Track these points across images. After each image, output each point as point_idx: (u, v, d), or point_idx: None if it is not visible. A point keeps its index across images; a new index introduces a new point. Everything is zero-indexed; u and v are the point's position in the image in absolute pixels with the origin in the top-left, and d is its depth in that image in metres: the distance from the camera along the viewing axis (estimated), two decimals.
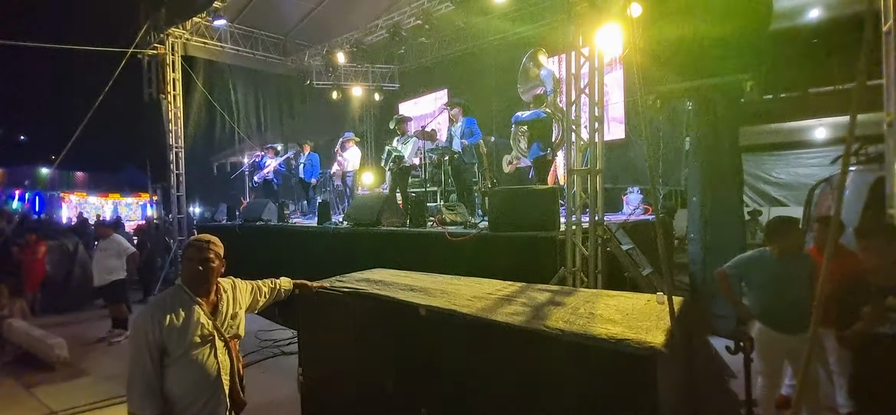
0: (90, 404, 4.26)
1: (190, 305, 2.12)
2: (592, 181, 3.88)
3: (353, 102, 12.37)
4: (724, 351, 3.24)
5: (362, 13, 9.69)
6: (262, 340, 5.84)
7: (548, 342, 1.95)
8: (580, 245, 3.85)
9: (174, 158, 9.87)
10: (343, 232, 6.05)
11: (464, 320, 2.20)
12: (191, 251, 2.16)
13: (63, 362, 5.30)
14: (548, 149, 5.50)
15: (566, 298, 2.45)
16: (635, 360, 1.77)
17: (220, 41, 10.24)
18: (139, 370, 1.99)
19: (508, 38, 9.42)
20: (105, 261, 6.31)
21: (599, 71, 3.82)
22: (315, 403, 2.91)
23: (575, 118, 3.89)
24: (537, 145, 5.52)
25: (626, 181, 6.70)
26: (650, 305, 2.31)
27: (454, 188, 6.74)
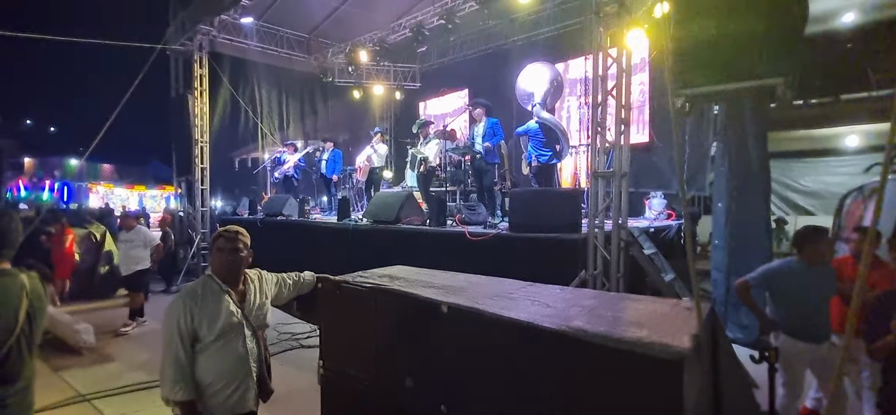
0: (117, 389, 4.39)
1: (219, 294, 2.18)
2: (616, 184, 3.83)
3: (374, 101, 12.46)
4: (747, 360, 3.18)
5: (386, 12, 9.75)
6: (280, 332, 5.93)
7: (571, 344, 1.93)
8: (602, 248, 3.81)
9: (199, 153, 10.09)
10: (362, 229, 6.10)
11: (486, 319, 2.20)
12: (221, 242, 2.22)
13: (90, 348, 5.47)
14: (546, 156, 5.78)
15: (589, 300, 2.43)
16: (661, 365, 1.74)
17: (246, 39, 10.42)
18: (171, 356, 2.05)
19: (531, 38, 9.37)
20: (131, 251, 6.49)
21: (627, 73, 3.77)
22: (335, 396, 2.94)
23: (600, 120, 3.85)
24: (531, 154, 5.89)
25: (649, 185, 6.59)
26: (676, 311, 2.27)
27: (474, 188, 6.74)
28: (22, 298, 1.87)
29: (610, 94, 3.82)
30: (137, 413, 3.95)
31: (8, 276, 1.87)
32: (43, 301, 2.01)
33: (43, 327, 2.05)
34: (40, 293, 2.00)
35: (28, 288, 1.91)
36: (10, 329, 1.81)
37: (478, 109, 6.46)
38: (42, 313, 2.00)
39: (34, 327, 1.93)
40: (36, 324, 1.95)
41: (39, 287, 2.01)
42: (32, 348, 1.95)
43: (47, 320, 5.73)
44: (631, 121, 3.95)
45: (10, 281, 1.86)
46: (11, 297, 1.84)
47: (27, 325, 1.88)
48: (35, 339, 1.96)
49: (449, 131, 6.87)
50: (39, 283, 2.04)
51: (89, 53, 36.51)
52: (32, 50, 35.54)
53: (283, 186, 9.80)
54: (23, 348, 1.87)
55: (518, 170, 7.67)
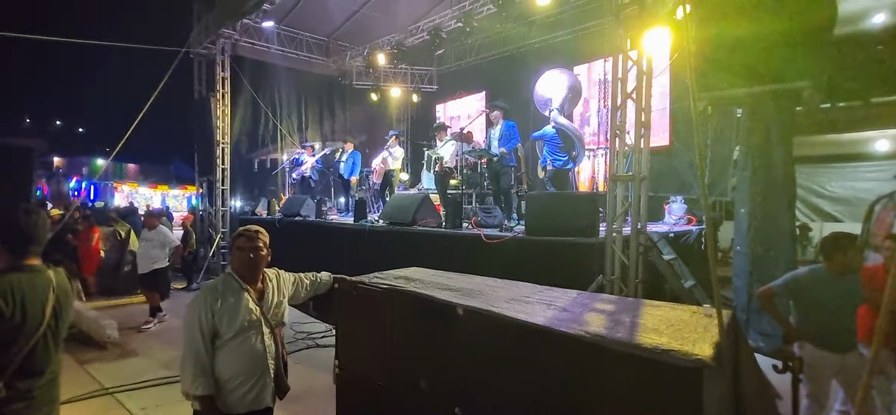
0: (139, 383, 4.50)
1: (239, 292, 2.22)
2: (636, 188, 3.78)
3: (392, 103, 12.55)
4: (769, 370, 3.10)
5: (404, 15, 9.82)
6: (296, 332, 6.00)
7: (588, 349, 1.91)
8: (620, 253, 3.75)
9: (220, 154, 10.30)
10: (379, 230, 6.13)
11: (502, 322, 2.19)
12: (241, 241, 2.26)
13: (114, 343, 5.63)
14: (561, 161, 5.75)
15: (607, 305, 2.40)
16: (681, 373, 1.71)
17: (267, 42, 10.62)
18: (192, 352, 2.09)
19: (548, 41, 9.32)
20: (150, 250, 6.63)
21: (648, 75, 3.71)
22: (350, 395, 2.96)
23: (620, 123, 3.80)
24: (545, 158, 5.99)
25: (669, 189, 6.47)
26: (696, 318, 2.23)
27: (490, 191, 6.72)
28: (49, 293, 1.92)
29: (630, 96, 3.77)
30: (158, 407, 4.04)
31: (35, 271, 1.93)
32: (69, 297, 2.06)
33: (69, 322, 2.09)
34: (67, 289, 2.05)
35: (55, 284, 1.96)
36: (37, 323, 1.86)
37: (495, 111, 6.45)
38: (68, 308, 2.05)
39: (60, 321, 1.98)
40: (62, 319, 2.00)
41: (66, 283, 2.06)
42: (58, 343, 2.00)
43: (74, 315, 5.92)
44: (650, 124, 3.89)
45: (37, 277, 1.91)
46: (38, 292, 1.89)
47: (53, 320, 1.93)
48: (61, 333, 2.01)
49: (465, 134, 6.87)
50: (66, 279, 2.10)
51: (115, 56, 37.65)
52: (61, 53, 36.77)
53: (300, 187, 9.92)
54: (49, 341, 1.92)
55: (534, 173, 7.63)
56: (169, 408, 3.99)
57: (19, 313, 1.78)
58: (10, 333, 1.77)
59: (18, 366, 1.81)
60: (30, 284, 1.86)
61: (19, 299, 1.79)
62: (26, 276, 1.88)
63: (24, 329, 1.81)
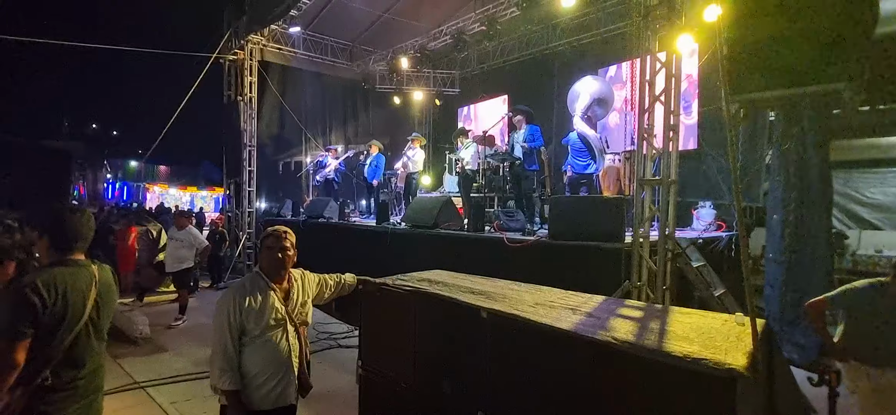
0: (169, 378, 4.64)
1: (266, 290, 2.27)
2: (664, 193, 3.69)
3: (414, 107, 12.63)
4: (804, 383, 2.98)
5: (427, 19, 9.88)
6: (319, 332, 6.07)
7: (616, 356, 1.87)
8: (647, 259, 3.67)
9: (247, 156, 10.56)
10: (401, 233, 6.17)
11: (527, 326, 2.17)
12: (270, 240, 2.31)
13: (145, 338, 5.81)
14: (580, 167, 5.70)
15: (635, 311, 2.35)
16: (713, 383, 1.66)
17: (293, 47, 10.85)
18: (221, 347, 2.15)
19: (573, 43, 9.23)
20: (178, 250, 6.79)
21: (677, 77, 3.63)
22: (373, 396, 2.98)
23: (648, 126, 3.73)
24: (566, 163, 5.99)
25: (697, 195, 6.30)
26: (728, 326, 2.16)
27: (512, 195, 6.69)
28: (91, 287, 2.00)
29: (658, 99, 3.69)
30: (187, 402, 4.15)
31: (79, 266, 2.01)
32: (111, 291, 2.14)
33: (111, 315, 2.18)
34: (109, 284, 2.14)
35: (97, 278, 2.05)
36: (79, 316, 1.94)
37: (518, 115, 6.42)
38: (110, 302, 2.14)
39: (102, 315, 2.07)
40: (103, 312, 2.08)
41: (109, 278, 2.15)
42: (101, 335, 2.08)
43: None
44: (679, 127, 3.80)
45: (80, 271, 2.00)
46: (80, 285, 1.97)
47: (95, 313, 2.01)
48: (103, 327, 2.09)
49: (487, 137, 6.85)
50: (110, 274, 2.19)
51: (149, 63, 39.12)
52: (98, 59, 38.34)
53: (323, 189, 10.07)
54: (91, 334, 2.01)
55: (558, 177, 7.55)
56: (197, 403, 4.09)
57: (61, 304, 1.86)
58: (53, 323, 1.85)
59: (62, 357, 1.89)
60: (72, 278, 1.95)
61: (61, 292, 1.87)
62: (70, 270, 1.96)
63: (66, 321, 1.89)
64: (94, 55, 33.85)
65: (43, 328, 1.82)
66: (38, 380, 1.84)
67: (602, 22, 8.74)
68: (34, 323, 1.80)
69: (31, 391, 1.83)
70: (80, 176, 24.41)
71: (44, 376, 1.85)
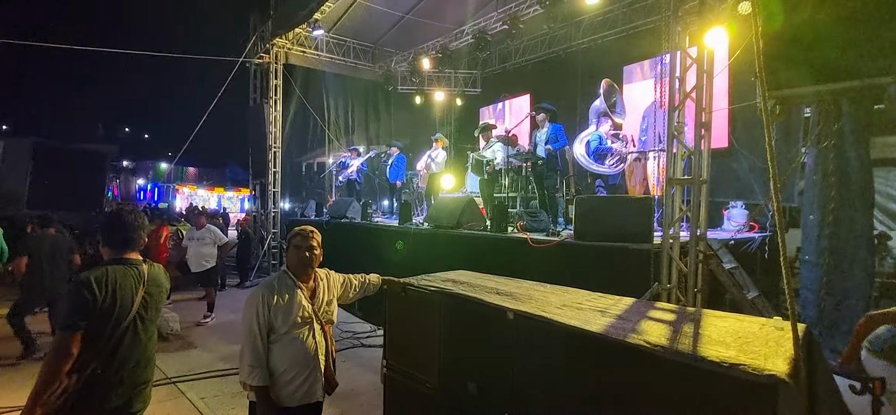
0: (199, 374, 4.75)
1: (293, 289, 2.30)
2: (695, 192, 3.58)
3: (435, 107, 12.65)
4: (846, 390, 2.84)
5: (449, 19, 9.88)
6: (342, 331, 6.13)
7: (648, 360, 1.82)
8: (678, 260, 3.57)
9: (272, 157, 10.76)
10: (423, 233, 6.17)
11: (554, 328, 2.13)
12: (298, 240, 2.34)
13: (175, 335, 5.97)
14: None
15: (667, 314, 2.28)
16: (753, 389, 1.59)
17: (317, 50, 11.01)
18: (250, 344, 2.18)
19: (597, 41, 9.08)
20: (201, 248, 6.93)
21: (709, 73, 3.52)
22: (398, 396, 2.98)
23: (678, 124, 3.62)
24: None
25: (728, 194, 6.10)
26: (766, 330, 2.08)
27: (535, 195, 6.62)
28: (139, 285, 2.12)
29: (689, 96, 3.58)
30: (216, 398, 4.24)
31: (131, 265, 2.14)
32: (159, 289, 2.26)
33: (160, 312, 2.30)
34: (158, 282, 2.25)
35: (147, 277, 2.17)
36: (127, 311, 2.05)
37: (541, 114, 6.34)
38: (159, 300, 2.26)
39: (150, 310, 2.18)
40: (151, 309, 2.19)
41: (158, 276, 2.27)
42: (149, 331, 2.19)
43: None
44: (711, 124, 3.68)
45: (131, 269, 2.12)
46: (130, 283, 2.09)
47: (143, 309, 2.13)
48: (150, 322, 2.20)
49: (510, 136, 6.80)
50: (161, 273, 2.31)
51: (177, 67, 40.49)
52: (129, 65, 39.79)
53: (346, 190, 10.17)
54: (138, 328, 2.12)
55: (581, 177, 7.43)
56: (225, 399, 4.18)
57: (110, 300, 1.99)
58: (103, 317, 1.97)
59: (111, 348, 2.01)
60: (123, 276, 2.07)
61: (111, 288, 2.00)
62: (122, 268, 2.09)
63: (115, 315, 2.01)
64: (126, 61, 35.22)
65: (94, 321, 1.95)
66: (89, 370, 1.95)
67: (626, 19, 8.57)
68: (87, 316, 1.93)
69: (83, 379, 1.95)
70: (114, 178, 25.34)
71: (94, 366, 1.97)
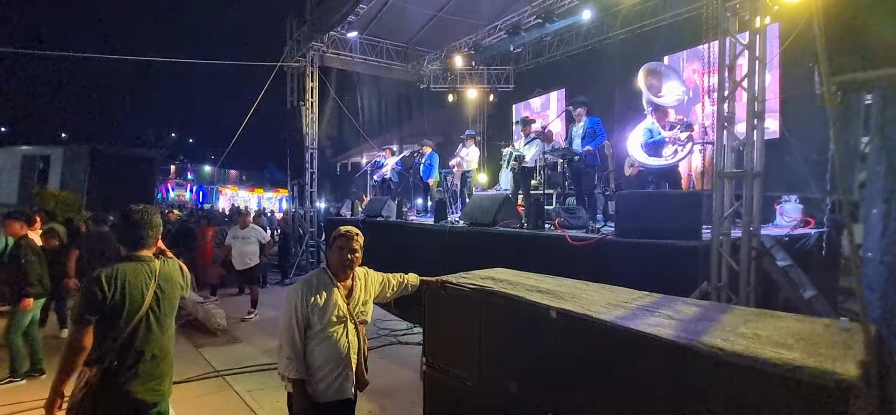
0: (245, 368, 4.93)
1: (330, 288, 2.34)
2: (747, 186, 3.40)
3: (468, 105, 12.62)
4: None
5: (482, 16, 9.82)
6: (379, 328, 6.20)
7: (702, 362, 1.74)
8: (728, 258, 3.41)
9: (309, 158, 11.04)
10: (459, 231, 6.16)
11: (600, 327, 2.07)
12: (342, 241, 2.37)
13: (222, 330, 6.22)
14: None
15: (720, 314, 2.18)
16: (821, 393, 1.50)
17: (351, 51, 11.20)
18: (288, 339, 2.25)
19: (635, 31, 8.80)
20: (245, 247, 7.15)
21: (761, 59, 3.33)
22: (438, 393, 2.98)
23: (728, 115, 3.45)
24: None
25: (779, 188, 5.76)
26: (831, 331, 1.95)
27: (572, 191, 6.48)
28: (150, 281, 2.21)
29: (740, 84, 3.40)
30: (261, 391, 4.38)
31: (142, 262, 2.23)
32: (172, 284, 2.33)
33: (174, 306, 2.36)
34: (170, 277, 2.33)
35: (158, 273, 2.26)
36: (137, 306, 2.14)
37: (578, 107, 6.18)
38: (172, 295, 2.33)
39: (163, 306, 2.26)
40: (164, 303, 2.27)
41: (172, 272, 2.35)
42: (163, 325, 2.27)
43: (190, 305, 6.59)
44: (764, 114, 3.48)
45: (142, 266, 2.22)
46: (140, 279, 2.18)
47: (155, 304, 2.22)
48: (165, 317, 2.28)
49: (546, 132, 6.68)
50: (175, 269, 2.38)
51: (219, 74, 42.29)
52: (175, 73, 41.79)
53: (381, 189, 10.29)
54: (152, 323, 2.21)
55: (620, 172, 7.23)
56: (270, 393, 4.31)
57: (119, 296, 2.09)
58: (113, 312, 2.08)
59: (124, 342, 2.12)
60: (133, 273, 2.17)
61: (120, 285, 2.10)
62: (132, 265, 2.19)
63: (125, 310, 2.11)
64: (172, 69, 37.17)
65: (105, 316, 2.07)
66: (106, 362, 2.07)
67: (667, 6, 8.26)
68: (97, 312, 2.04)
69: (102, 372, 2.06)
70: (163, 180, 26.69)
71: (111, 359, 2.08)
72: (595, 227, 4.87)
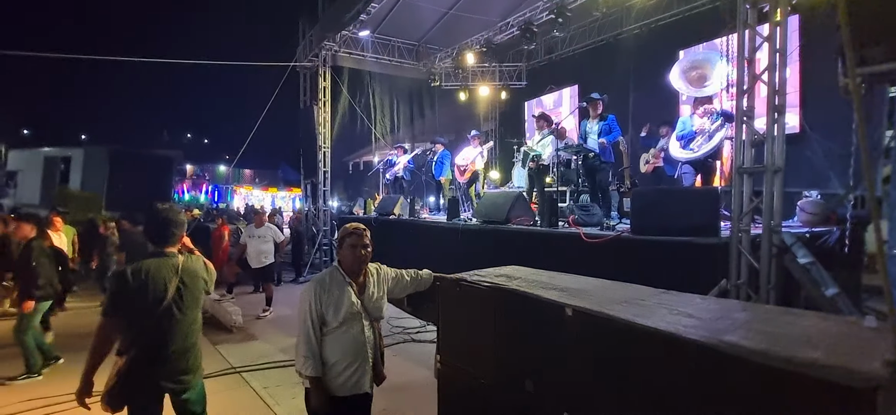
0: (261, 364, 4.99)
1: (343, 285, 2.36)
2: (768, 182, 3.32)
3: (480, 102, 12.58)
4: None
5: (493, 12, 9.77)
6: (392, 326, 6.23)
7: (723, 361, 1.70)
8: (748, 255, 3.34)
9: (322, 157, 11.12)
10: (472, 229, 6.14)
11: (617, 325, 2.04)
12: (353, 238, 2.39)
13: (238, 327, 6.30)
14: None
15: (740, 313, 2.13)
16: (846, 393, 1.45)
17: (362, 51, 11.24)
18: (304, 337, 2.28)
19: (650, 25, 8.67)
20: (261, 246, 7.24)
21: (781, 52, 3.26)
22: (452, 391, 2.97)
23: (748, 109, 3.37)
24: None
25: (800, 183, 5.64)
26: (856, 330, 1.90)
27: (586, 188, 6.41)
28: (172, 275, 2.31)
29: (759, 78, 3.33)
30: (278, 387, 4.43)
31: (167, 257, 2.35)
32: (195, 278, 2.43)
33: (198, 300, 2.45)
34: (194, 272, 2.42)
35: (181, 268, 2.36)
36: (160, 299, 2.25)
37: (592, 103, 6.11)
38: (195, 289, 2.42)
39: (185, 299, 2.35)
40: (187, 296, 2.36)
41: (195, 268, 2.44)
42: (187, 318, 2.36)
43: (207, 303, 6.71)
44: (784, 108, 3.39)
45: (166, 261, 2.33)
46: (163, 273, 2.29)
47: (178, 297, 2.31)
48: (188, 310, 2.37)
49: (559, 129, 6.62)
50: (198, 264, 2.48)
51: (233, 75, 42.87)
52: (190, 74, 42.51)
53: (393, 187, 10.32)
54: (175, 315, 2.31)
55: (635, 168, 7.14)
56: (286, 389, 4.36)
57: (142, 289, 2.21)
58: (138, 305, 2.20)
59: (150, 333, 2.23)
60: (157, 267, 2.29)
61: (143, 279, 2.22)
62: (156, 261, 2.31)
63: (149, 303, 2.23)
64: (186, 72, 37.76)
65: (130, 308, 2.20)
66: (133, 352, 2.18)
67: (682, 0, 8.12)
68: (123, 304, 2.19)
69: (130, 360, 2.18)
70: (179, 179, 27.13)
71: (137, 348, 2.19)
72: (610, 224, 4.82)
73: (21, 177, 16.00)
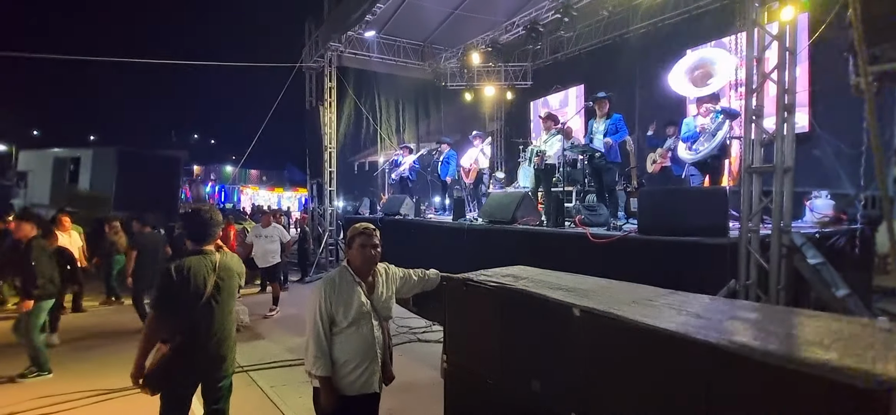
0: (268, 363, 5.01)
1: (352, 285, 2.36)
2: (777, 181, 3.29)
3: (485, 102, 12.57)
4: None
5: (499, 12, 9.75)
6: (398, 326, 6.22)
7: (731, 361, 1.69)
8: (757, 255, 3.31)
9: (328, 158, 11.15)
10: (478, 228, 6.13)
11: (625, 325, 2.03)
12: (362, 239, 2.39)
13: (245, 327, 6.33)
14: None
15: (750, 313, 2.12)
16: (861, 396, 1.43)
17: (368, 51, 11.26)
18: (314, 336, 2.28)
19: (657, 24, 8.61)
20: (268, 246, 7.27)
21: (791, 50, 3.23)
22: (459, 391, 2.97)
23: (757, 108, 3.35)
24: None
25: (809, 183, 5.59)
26: (869, 331, 1.87)
27: (592, 188, 6.38)
28: (210, 271, 2.52)
29: (769, 77, 3.30)
30: (284, 386, 4.45)
31: (206, 255, 2.54)
32: (230, 273, 2.63)
33: (233, 294, 2.67)
34: (229, 268, 2.63)
35: (218, 264, 2.55)
36: (199, 293, 2.46)
37: (598, 102, 6.09)
38: (230, 283, 2.62)
39: (223, 293, 2.56)
40: (224, 291, 2.57)
41: (232, 264, 2.65)
42: (225, 311, 2.57)
43: None
44: (794, 107, 3.36)
45: (205, 259, 2.54)
46: (202, 270, 2.50)
47: (216, 291, 2.53)
48: (225, 303, 2.58)
49: (565, 129, 6.60)
50: (234, 261, 2.69)
51: (239, 76, 43.16)
52: (197, 76, 42.84)
53: (399, 187, 10.33)
54: (214, 308, 2.51)
55: (642, 168, 7.10)
56: (292, 388, 4.37)
57: (185, 284, 2.42)
58: (181, 298, 2.41)
59: (191, 324, 2.44)
60: (198, 264, 2.48)
61: (186, 274, 2.43)
62: (197, 258, 2.50)
63: (191, 296, 2.44)
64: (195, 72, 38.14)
65: (175, 301, 2.41)
66: (176, 341, 2.40)
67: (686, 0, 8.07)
68: (169, 298, 2.40)
69: (173, 348, 2.40)
70: (186, 180, 27.33)
71: (180, 338, 2.40)
72: (617, 224, 4.80)
73: (31, 177, 16.15)
